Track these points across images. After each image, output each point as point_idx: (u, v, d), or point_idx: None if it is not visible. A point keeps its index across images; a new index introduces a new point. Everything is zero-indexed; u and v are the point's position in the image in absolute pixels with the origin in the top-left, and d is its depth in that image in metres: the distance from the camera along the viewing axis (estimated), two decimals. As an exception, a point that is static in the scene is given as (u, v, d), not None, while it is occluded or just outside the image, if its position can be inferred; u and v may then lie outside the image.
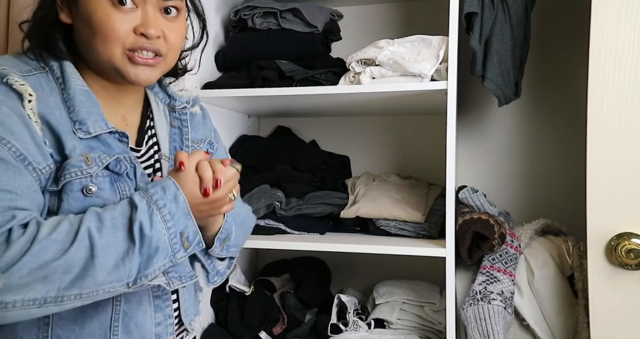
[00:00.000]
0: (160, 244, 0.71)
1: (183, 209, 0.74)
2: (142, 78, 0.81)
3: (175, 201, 0.73)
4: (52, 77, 0.77)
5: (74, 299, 0.66)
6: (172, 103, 0.94)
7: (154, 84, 0.94)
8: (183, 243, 0.74)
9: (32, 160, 0.70)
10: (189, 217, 0.75)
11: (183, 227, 0.74)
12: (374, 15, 1.66)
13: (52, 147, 0.73)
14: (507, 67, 1.25)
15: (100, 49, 0.77)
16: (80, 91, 0.78)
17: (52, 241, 0.65)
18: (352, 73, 1.28)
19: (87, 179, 0.74)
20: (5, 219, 0.65)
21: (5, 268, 0.62)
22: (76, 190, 0.73)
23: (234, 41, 1.43)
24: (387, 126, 1.67)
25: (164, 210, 0.72)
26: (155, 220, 0.71)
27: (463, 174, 1.60)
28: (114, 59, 0.78)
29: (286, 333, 1.39)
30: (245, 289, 1.41)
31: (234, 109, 1.56)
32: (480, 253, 1.17)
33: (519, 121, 1.57)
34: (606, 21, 0.98)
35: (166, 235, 0.72)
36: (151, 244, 0.70)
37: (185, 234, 0.74)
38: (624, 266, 0.97)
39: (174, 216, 0.73)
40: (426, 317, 1.32)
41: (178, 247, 0.73)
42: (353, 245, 1.22)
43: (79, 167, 0.74)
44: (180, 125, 0.94)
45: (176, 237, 0.73)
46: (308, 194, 1.41)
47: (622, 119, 0.98)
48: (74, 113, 0.76)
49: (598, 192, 0.99)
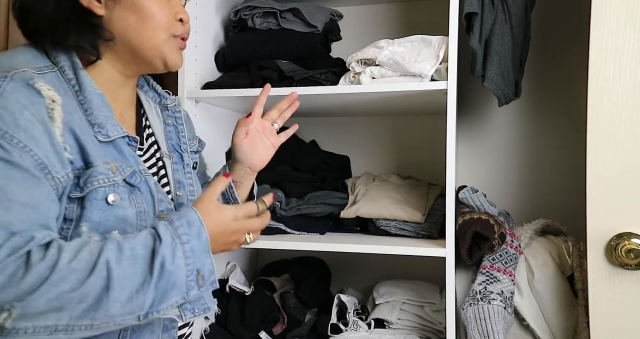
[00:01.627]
0: (178, 280, 0.69)
1: (204, 247, 0.72)
2: (180, 63, 0.86)
3: (199, 237, 0.72)
4: (63, 77, 0.75)
5: (84, 329, 0.64)
6: (163, 101, 0.95)
7: (143, 83, 0.94)
8: (198, 281, 0.71)
9: (52, 169, 0.68)
10: (207, 255, 0.73)
11: (200, 264, 0.72)
12: (374, 15, 1.66)
13: (75, 154, 0.71)
14: (507, 67, 1.25)
15: (150, 35, 0.80)
16: (95, 94, 0.77)
17: (71, 271, 0.62)
18: (352, 73, 1.28)
19: (111, 187, 0.74)
20: (24, 240, 0.62)
21: (23, 295, 0.59)
22: (100, 198, 0.72)
23: (233, 41, 1.43)
24: (387, 126, 1.67)
25: (187, 246, 0.70)
26: (177, 255, 0.69)
27: (463, 174, 1.60)
28: (163, 45, 0.82)
29: (286, 333, 1.39)
30: (245, 289, 1.41)
31: (234, 109, 1.56)
32: (480, 253, 1.17)
33: (519, 121, 1.57)
34: (606, 21, 0.98)
35: (184, 271, 0.70)
36: (169, 279, 0.68)
37: (201, 272, 0.72)
38: (624, 266, 0.97)
39: (195, 252, 0.71)
40: (426, 317, 1.32)
41: (192, 285, 0.71)
42: (353, 245, 1.22)
43: (106, 174, 0.73)
44: (175, 123, 0.95)
45: (192, 274, 0.71)
46: (308, 194, 1.41)
47: (622, 119, 0.98)
48: (92, 116, 0.75)
49: (598, 192, 0.99)
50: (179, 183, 0.91)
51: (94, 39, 0.78)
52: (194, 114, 1.34)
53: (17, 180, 0.64)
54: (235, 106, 1.50)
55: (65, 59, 0.76)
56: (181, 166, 0.93)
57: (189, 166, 0.95)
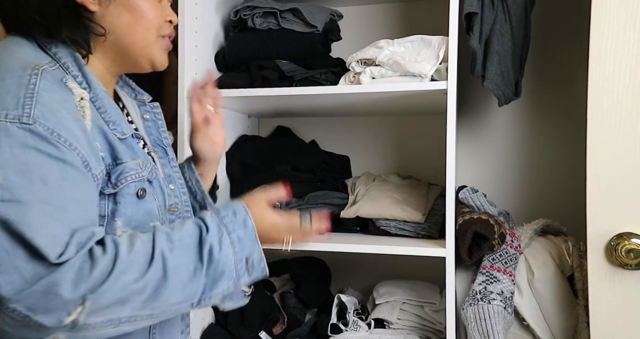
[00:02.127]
0: (227, 268, 0.70)
1: (251, 235, 0.74)
2: (166, 63, 0.86)
3: (244, 226, 0.74)
4: (68, 74, 0.74)
5: (146, 318, 0.66)
6: (139, 97, 0.95)
7: (118, 79, 0.92)
8: (247, 269, 0.73)
9: (92, 166, 0.69)
10: (255, 243, 0.74)
11: (249, 252, 0.73)
12: (374, 15, 1.66)
13: (104, 151, 0.73)
14: (507, 67, 1.25)
15: (141, 35, 0.80)
16: (102, 91, 0.77)
17: (131, 263, 0.64)
18: (352, 73, 1.28)
19: (140, 182, 0.76)
20: (87, 237, 0.63)
21: (93, 289, 0.61)
22: (132, 193, 0.74)
23: (233, 41, 1.43)
24: (387, 126, 1.66)
25: (233, 235, 0.72)
26: (224, 243, 0.70)
27: (463, 174, 1.60)
28: (152, 45, 0.82)
29: (286, 333, 1.39)
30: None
31: (234, 109, 1.56)
32: (480, 253, 1.17)
33: (519, 121, 1.57)
34: (606, 21, 0.98)
35: (233, 260, 0.71)
36: (218, 267, 0.70)
37: (250, 259, 0.73)
38: (624, 266, 0.97)
39: (242, 240, 0.73)
40: (426, 317, 1.32)
41: (242, 273, 0.73)
42: (353, 245, 1.22)
43: (136, 170, 0.75)
44: (155, 118, 0.95)
45: (241, 262, 0.72)
46: (308, 194, 1.41)
47: (622, 119, 0.98)
48: (106, 114, 0.75)
49: (598, 192, 0.99)
50: (169, 177, 0.91)
51: (87, 33, 0.77)
52: (194, 114, 1.34)
53: (71, 178, 0.65)
54: (235, 106, 1.50)
55: (67, 54, 0.75)
56: (167, 160, 0.93)
57: (174, 160, 0.95)
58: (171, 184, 0.90)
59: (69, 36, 0.75)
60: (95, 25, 0.77)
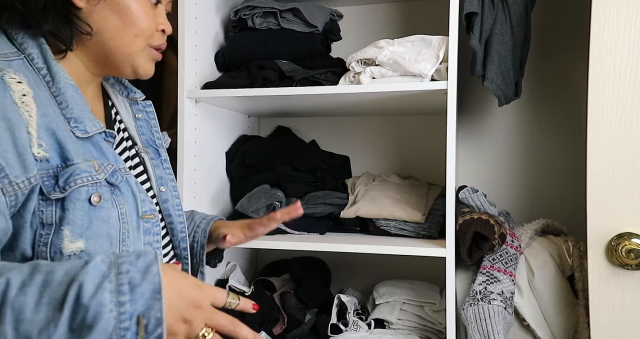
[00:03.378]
0: (100, 322, 0.51)
1: (152, 285, 0.54)
2: (151, 73, 0.82)
3: (145, 272, 0.55)
4: (32, 66, 0.68)
5: None
6: (131, 95, 0.91)
7: (109, 76, 0.88)
8: (138, 332, 0.52)
9: (10, 172, 0.59)
10: (156, 298, 0.54)
11: (144, 309, 0.53)
12: (374, 15, 1.66)
13: (52, 151, 0.65)
14: (507, 67, 1.25)
15: (127, 41, 0.76)
16: (69, 85, 0.71)
17: None
18: (352, 73, 1.28)
19: (94, 187, 0.67)
20: None
21: None
22: (83, 199, 0.65)
23: (233, 41, 1.43)
24: (387, 126, 1.66)
25: (123, 278, 0.53)
26: (104, 287, 0.52)
27: (463, 174, 1.60)
28: (137, 53, 0.78)
29: (286, 333, 1.39)
30: (245, 289, 1.41)
31: (234, 109, 1.56)
32: (480, 253, 1.16)
33: (519, 121, 1.57)
34: (606, 20, 0.98)
35: (113, 312, 0.52)
36: (85, 319, 0.51)
37: (144, 319, 0.53)
38: (624, 266, 0.97)
39: (134, 289, 0.53)
40: (426, 317, 1.32)
41: (129, 337, 0.52)
42: (353, 245, 1.22)
43: (89, 172, 0.67)
44: (147, 117, 0.91)
45: (129, 320, 0.52)
46: (308, 194, 1.41)
47: (623, 119, 0.98)
48: (67, 110, 0.69)
49: (598, 192, 0.99)
50: (161, 179, 0.87)
51: (71, 30, 0.72)
52: (193, 114, 1.34)
53: None
54: (235, 105, 1.50)
55: (34, 46, 0.69)
56: (159, 161, 0.88)
57: (167, 161, 0.91)
58: (162, 187, 0.86)
59: (50, 29, 0.70)
60: (82, 22, 0.73)
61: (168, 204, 0.87)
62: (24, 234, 0.64)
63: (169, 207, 0.86)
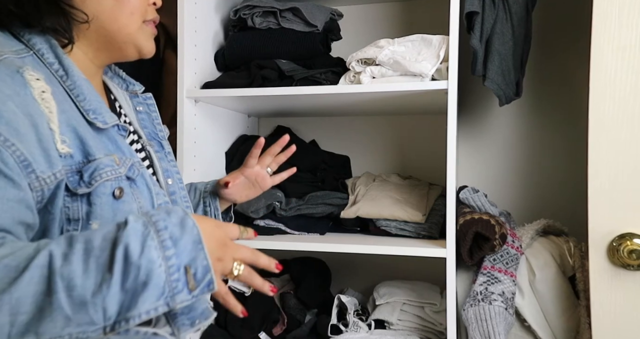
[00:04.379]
0: (152, 278, 0.53)
1: (192, 236, 0.57)
2: (153, 50, 0.82)
3: (181, 225, 0.57)
4: (43, 61, 0.69)
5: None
6: (131, 88, 0.90)
7: (107, 69, 0.88)
8: (188, 282, 0.55)
9: (37, 167, 0.60)
10: (199, 248, 0.56)
11: (189, 259, 0.56)
12: (374, 14, 1.66)
13: (74, 147, 0.65)
14: (508, 67, 1.24)
15: (126, 20, 0.76)
16: (82, 79, 0.71)
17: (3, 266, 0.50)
18: (352, 73, 1.28)
19: (117, 181, 0.68)
20: None
21: None
22: (108, 193, 0.66)
23: (233, 41, 1.43)
24: (387, 126, 1.66)
25: (164, 234, 0.55)
26: (149, 244, 0.54)
27: (464, 174, 1.59)
28: (137, 31, 0.78)
29: (286, 334, 1.39)
30: (245, 290, 1.41)
31: (234, 108, 1.56)
32: (481, 254, 1.16)
33: (520, 120, 1.56)
34: (608, 19, 0.97)
35: (162, 267, 0.54)
36: (138, 276, 0.52)
37: (192, 269, 0.55)
38: (626, 266, 0.97)
39: (177, 242, 0.55)
40: (427, 318, 1.32)
41: (180, 287, 0.54)
42: (353, 245, 1.22)
43: (112, 166, 0.67)
44: (148, 110, 0.91)
45: (178, 271, 0.55)
46: (308, 194, 1.41)
47: (624, 119, 0.97)
48: (85, 102, 0.69)
49: (599, 193, 0.99)
50: (167, 171, 0.87)
51: (69, 21, 0.72)
52: (193, 113, 1.33)
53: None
54: (234, 105, 1.49)
55: (42, 41, 0.69)
56: (163, 154, 0.88)
57: (171, 153, 0.91)
58: (169, 179, 0.87)
59: (49, 25, 0.70)
60: (77, 11, 0.72)
61: (176, 195, 0.87)
62: (53, 230, 0.65)
63: (177, 200, 0.87)
